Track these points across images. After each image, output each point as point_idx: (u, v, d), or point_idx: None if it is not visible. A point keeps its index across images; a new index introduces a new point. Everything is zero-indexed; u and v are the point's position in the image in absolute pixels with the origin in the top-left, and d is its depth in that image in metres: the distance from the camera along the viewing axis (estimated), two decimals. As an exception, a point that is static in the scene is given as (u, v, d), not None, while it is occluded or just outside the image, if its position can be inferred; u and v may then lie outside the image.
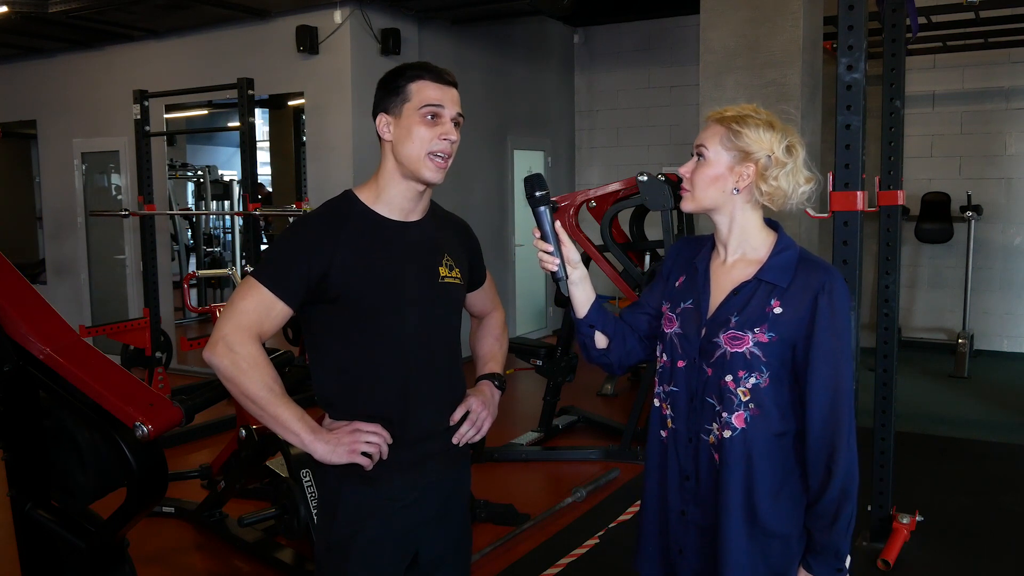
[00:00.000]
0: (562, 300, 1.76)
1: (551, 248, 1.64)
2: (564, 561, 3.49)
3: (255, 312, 1.63)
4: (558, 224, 1.66)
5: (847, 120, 2.69)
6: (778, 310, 1.53)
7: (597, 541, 3.69)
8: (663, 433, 1.67)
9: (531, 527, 3.82)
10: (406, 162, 1.68)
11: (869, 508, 3.54)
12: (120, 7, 6.15)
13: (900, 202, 3.49)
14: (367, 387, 1.69)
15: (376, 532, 1.70)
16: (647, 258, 5.09)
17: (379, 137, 1.74)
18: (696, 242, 1.74)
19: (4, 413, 2.14)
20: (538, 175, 1.66)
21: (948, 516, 3.90)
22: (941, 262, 7.61)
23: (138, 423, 2.00)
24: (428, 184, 1.71)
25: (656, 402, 1.69)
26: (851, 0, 2.64)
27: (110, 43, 7.35)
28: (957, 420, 5.58)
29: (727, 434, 1.55)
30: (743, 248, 1.62)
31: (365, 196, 1.74)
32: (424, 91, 1.68)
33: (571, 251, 1.66)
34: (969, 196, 7.06)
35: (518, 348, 5.30)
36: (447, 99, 1.70)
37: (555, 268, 1.65)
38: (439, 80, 1.70)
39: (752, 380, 1.54)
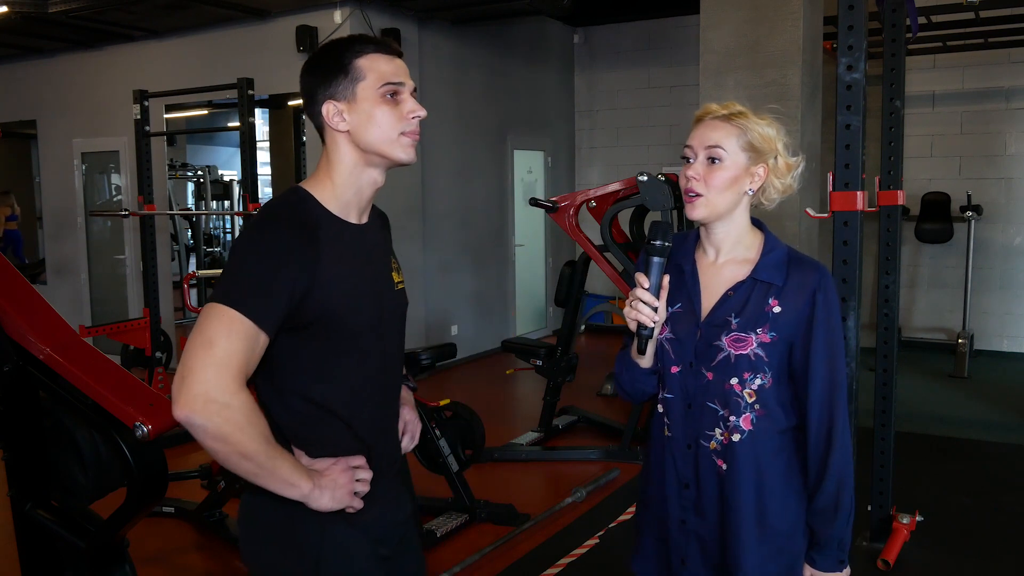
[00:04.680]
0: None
1: (657, 303, 1.53)
2: (564, 561, 3.49)
3: (242, 352, 1.31)
4: (666, 279, 1.55)
5: (847, 120, 2.69)
6: (777, 309, 1.52)
7: (597, 541, 3.69)
8: (660, 441, 1.65)
9: (531, 527, 3.82)
10: (374, 148, 1.45)
11: (869, 508, 3.54)
12: (120, 7, 6.16)
13: (900, 202, 3.49)
14: (346, 417, 1.48)
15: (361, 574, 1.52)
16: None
17: (322, 129, 1.48)
18: (675, 240, 1.66)
19: (4, 413, 2.13)
20: (668, 224, 1.56)
21: (948, 516, 3.90)
22: (941, 262, 7.61)
23: (138, 423, 2.00)
24: (401, 165, 1.49)
25: (660, 407, 1.65)
26: (851, 0, 2.64)
27: (110, 43, 7.36)
28: (957, 420, 5.58)
29: (736, 438, 1.53)
30: (736, 249, 1.59)
31: (322, 196, 1.47)
32: (377, 66, 1.44)
33: (663, 308, 1.56)
34: (969, 196, 7.06)
35: (518, 348, 5.30)
36: (401, 72, 1.46)
37: (651, 324, 1.53)
38: (388, 51, 1.46)
39: (757, 381, 1.53)
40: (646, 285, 1.52)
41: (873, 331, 3.67)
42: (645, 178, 4.45)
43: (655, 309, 1.53)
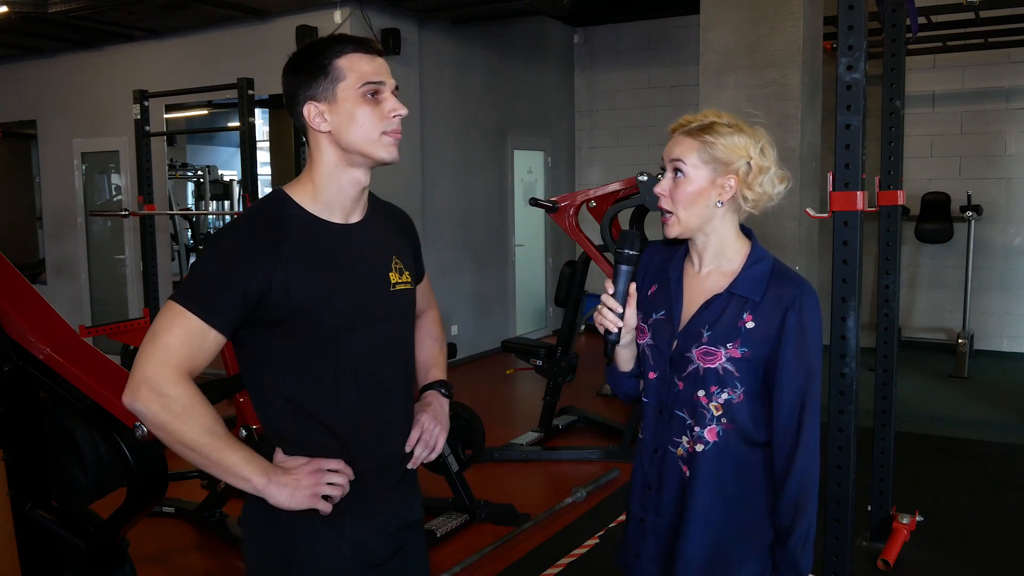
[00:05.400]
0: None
1: (620, 309, 1.56)
2: (564, 561, 3.49)
3: (184, 346, 1.36)
4: (632, 287, 1.58)
5: (847, 120, 2.68)
6: (751, 324, 1.51)
7: (597, 541, 3.69)
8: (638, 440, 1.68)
9: (531, 527, 3.82)
10: (356, 148, 1.46)
11: (869, 508, 3.54)
12: (120, 7, 6.16)
13: (900, 202, 3.49)
14: (322, 417, 1.47)
15: None
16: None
17: (305, 130, 1.50)
18: (668, 249, 1.68)
19: (4, 413, 2.13)
20: (636, 234, 1.59)
21: (948, 516, 3.90)
22: (941, 262, 7.61)
23: (138, 423, 2.00)
24: (384, 164, 1.49)
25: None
26: (851, 0, 2.64)
27: (110, 43, 7.35)
28: (957, 420, 5.58)
29: (699, 448, 1.54)
30: (718, 260, 1.58)
31: (300, 197, 1.49)
32: (358, 66, 1.44)
33: (632, 316, 1.59)
34: (969, 196, 7.06)
35: (518, 348, 5.30)
36: (382, 71, 1.46)
37: (615, 330, 1.57)
38: (368, 50, 1.47)
39: (724, 396, 1.52)
40: (611, 291, 1.56)
41: (873, 331, 3.67)
42: (645, 178, 4.44)
43: (621, 316, 1.56)
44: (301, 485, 1.42)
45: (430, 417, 1.64)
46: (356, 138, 1.45)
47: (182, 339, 1.37)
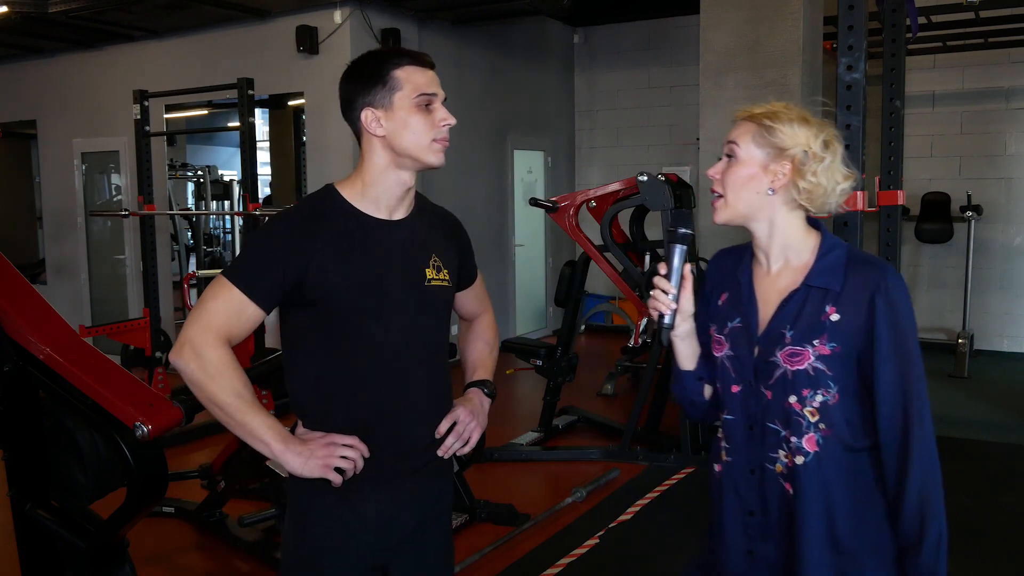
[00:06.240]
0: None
1: (674, 290, 1.48)
2: (564, 561, 3.49)
3: (225, 314, 1.52)
4: (687, 268, 1.50)
5: (847, 120, 2.69)
6: (835, 317, 1.40)
7: (597, 541, 3.68)
8: (716, 467, 1.56)
9: (531, 527, 3.82)
10: (408, 152, 1.57)
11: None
12: (120, 7, 6.16)
13: (900, 202, 3.49)
14: (345, 397, 1.59)
15: (346, 552, 1.61)
16: (647, 258, 5.08)
17: (359, 133, 1.61)
18: (735, 253, 1.59)
19: (4, 413, 2.13)
20: (688, 212, 1.54)
21: (948, 516, 3.88)
22: (941, 262, 7.61)
23: (138, 423, 2.00)
24: (431, 168, 1.60)
25: (719, 432, 1.56)
26: (851, 0, 2.64)
27: (110, 43, 7.36)
28: (957, 420, 5.58)
29: (799, 460, 1.42)
30: (786, 254, 1.48)
31: (348, 193, 1.61)
32: (414, 77, 1.56)
33: (688, 301, 1.51)
34: (969, 196, 7.06)
35: (518, 348, 5.30)
36: (434, 83, 1.59)
37: (668, 312, 1.49)
38: (423, 64, 1.59)
39: (819, 398, 1.41)
40: (663, 272, 1.50)
41: (873, 331, 3.67)
42: (645, 178, 4.44)
43: (676, 299, 1.49)
44: (315, 455, 1.52)
45: (467, 411, 1.72)
46: (408, 143, 1.57)
47: (224, 308, 1.52)
